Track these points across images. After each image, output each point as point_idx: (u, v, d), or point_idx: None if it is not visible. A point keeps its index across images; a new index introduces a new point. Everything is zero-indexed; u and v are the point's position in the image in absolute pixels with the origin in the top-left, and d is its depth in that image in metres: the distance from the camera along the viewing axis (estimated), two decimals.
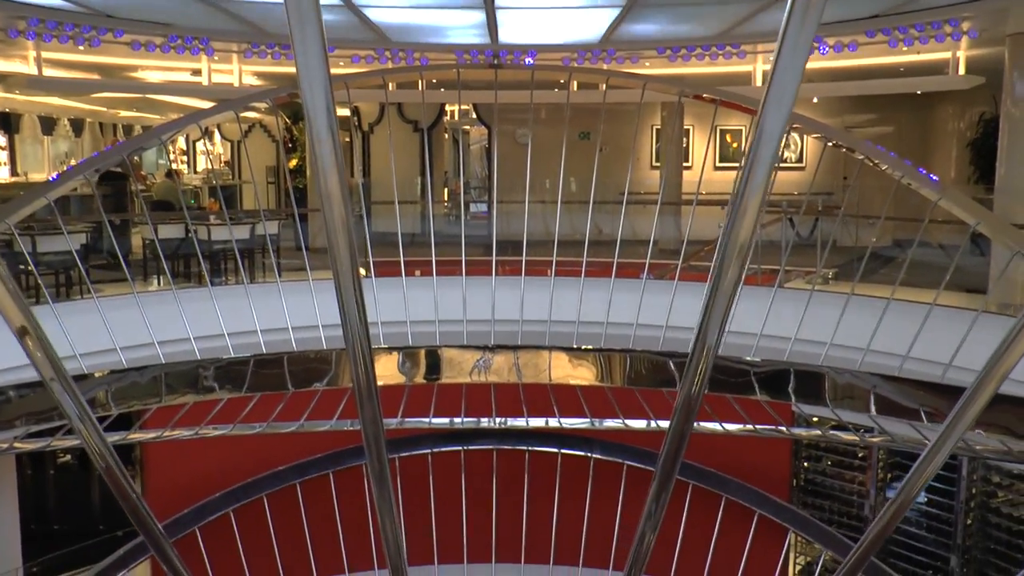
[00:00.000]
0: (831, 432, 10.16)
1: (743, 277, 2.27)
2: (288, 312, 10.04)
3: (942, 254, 12.55)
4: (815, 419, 10.76)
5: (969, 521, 10.23)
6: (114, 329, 9.36)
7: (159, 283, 13.21)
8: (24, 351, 1.93)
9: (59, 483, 15.24)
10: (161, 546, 2.06)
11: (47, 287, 10.30)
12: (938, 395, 8.54)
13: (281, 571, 11.53)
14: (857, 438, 9.46)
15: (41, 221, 11.93)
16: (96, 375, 8.54)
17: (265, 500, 11.34)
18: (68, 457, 15.45)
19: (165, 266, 10.41)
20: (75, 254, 10.32)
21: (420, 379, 10.46)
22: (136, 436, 9.08)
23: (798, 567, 12.02)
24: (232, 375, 10.09)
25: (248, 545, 11.33)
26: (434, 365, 10.48)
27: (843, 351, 9.83)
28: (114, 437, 9.25)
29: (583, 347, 10.19)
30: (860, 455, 11.12)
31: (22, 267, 10.62)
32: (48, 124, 21.95)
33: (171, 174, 20.96)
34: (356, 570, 11.84)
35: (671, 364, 9.76)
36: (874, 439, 9.14)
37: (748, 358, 9.22)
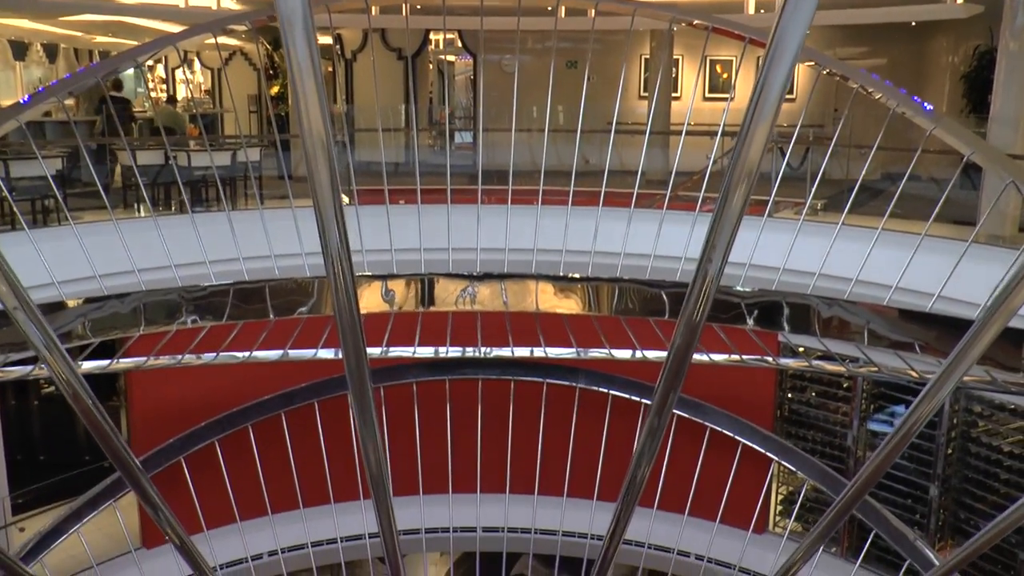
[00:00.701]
0: (817, 362, 10.18)
1: (747, 206, 2.17)
2: (270, 240, 9.87)
3: (933, 187, 12.47)
4: (801, 349, 10.77)
5: (950, 451, 10.33)
6: (93, 256, 9.18)
7: (139, 211, 12.96)
8: None
9: (43, 414, 15.19)
10: (135, 477, 1.96)
11: (23, 214, 10.07)
12: (927, 326, 8.53)
13: (267, 501, 11.56)
14: (845, 369, 9.47)
15: (14, 145, 11.62)
16: (72, 303, 8.38)
17: (251, 429, 11.31)
18: (52, 388, 15.38)
19: (144, 193, 10.18)
20: (50, 180, 10.06)
21: (404, 308, 10.36)
22: (117, 365, 8.95)
23: (780, 496, 12.18)
24: (214, 303, 9.96)
25: (234, 475, 11.33)
26: (419, 294, 10.37)
27: (831, 282, 9.79)
28: (93, 365, 9.14)
29: (570, 275, 10.08)
30: (845, 386, 11.17)
31: None
32: (20, 49, 21.32)
33: (172, 100, 20.50)
34: (343, 500, 11.90)
35: (663, 294, 9.69)
36: (862, 370, 9.14)
37: (738, 288, 9.16)
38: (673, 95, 21.78)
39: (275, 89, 23.81)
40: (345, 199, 9.95)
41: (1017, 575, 10.05)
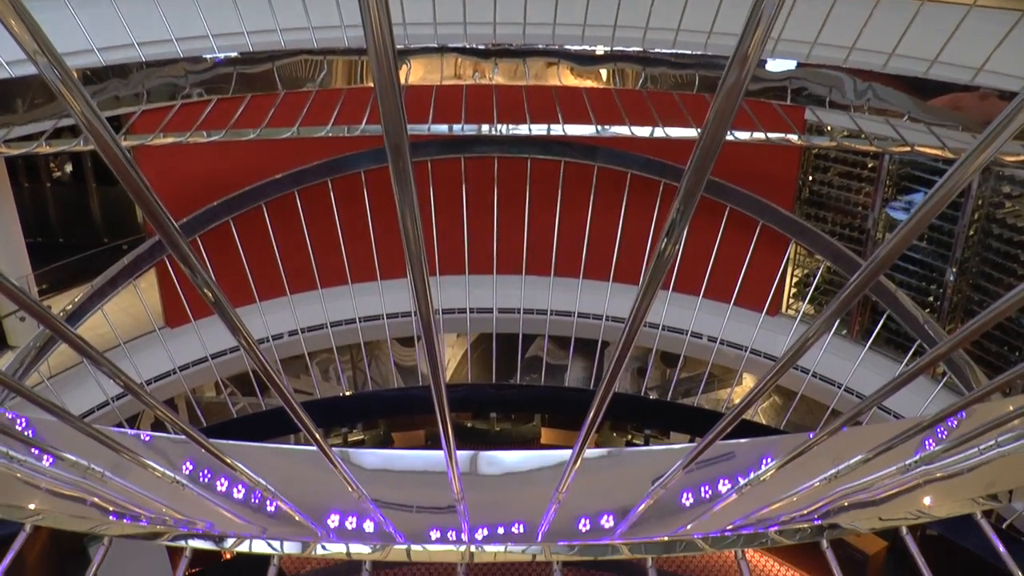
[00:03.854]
0: (846, 140, 9.84)
1: None
2: (275, 13, 9.34)
3: None
4: (828, 128, 10.40)
5: (972, 232, 10.17)
6: (88, 30, 8.72)
7: None
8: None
9: (58, 197, 15.15)
10: (173, 238, 1.77)
11: None
12: (965, 100, 8.13)
13: (285, 281, 11.68)
14: (873, 147, 9.15)
15: None
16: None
17: (264, 208, 11.22)
18: (63, 172, 15.25)
19: None
20: None
21: (418, 81, 9.94)
22: (123, 143, 8.68)
23: (795, 279, 12.20)
24: (219, 75, 9.57)
25: (249, 255, 11.37)
26: (433, 66, 9.93)
27: (866, 56, 9.27)
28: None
29: (594, 48, 9.58)
30: (870, 166, 10.87)
31: None
32: None
33: None
34: (360, 280, 12.01)
35: (692, 72, 9.22)
36: (893, 148, 8.83)
37: (766, 60, 8.70)
38: None
39: None
40: None
41: None
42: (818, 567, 11.88)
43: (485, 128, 9.91)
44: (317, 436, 2.45)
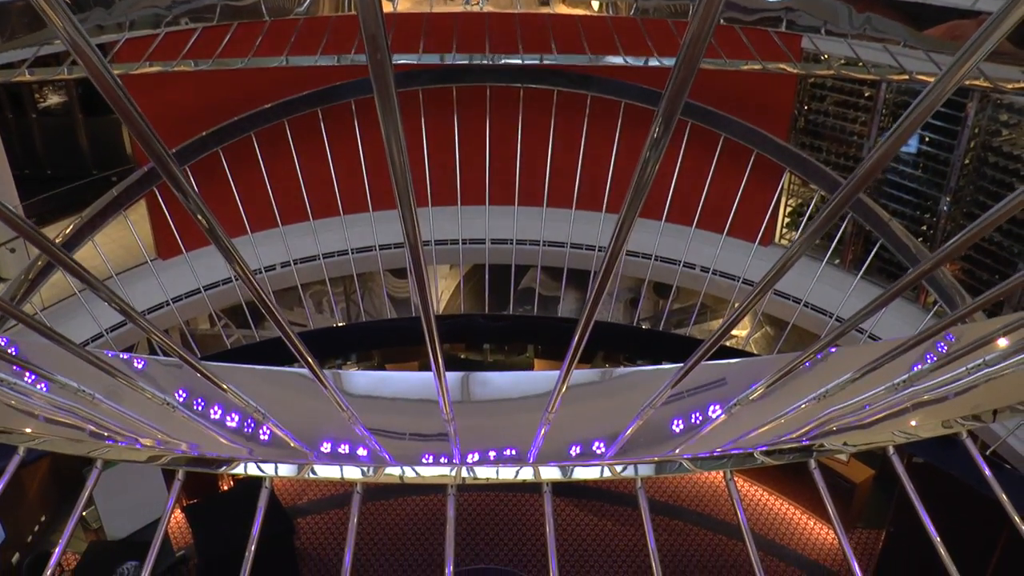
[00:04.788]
0: (843, 69, 9.72)
1: None
2: None
3: None
4: (825, 56, 10.25)
5: (967, 161, 10.12)
6: None
7: None
8: None
9: (44, 128, 14.92)
10: (164, 161, 1.73)
11: None
12: (964, 28, 8.00)
13: (276, 213, 11.61)
14: (870, 75, 9.03)
15: None
16: None
17: (254, 138, 11.08)
18: (50, 101, 15.00)
19: None
20: None
21: (408, 8, 9.75)
22: None
23: (789, 209, 12.17)
24: (204, 4, 9.36)
25: (240, 187, 11.28)
26: None
27: None
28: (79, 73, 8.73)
29: None
30: (867, 95, 10.74)
31: None
32: None
33: None
34: (352, 212, 11.94)
35: (691, 1, 9.02)
36: (892, 76, 8.72)
37: None
38: None
39: None
40: None
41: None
42: (806, 497, 12.15)
43: (477, 58, 9.75)
44: (308, 357, 2.45)
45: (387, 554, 11.32)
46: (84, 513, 11.10)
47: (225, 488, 11.99)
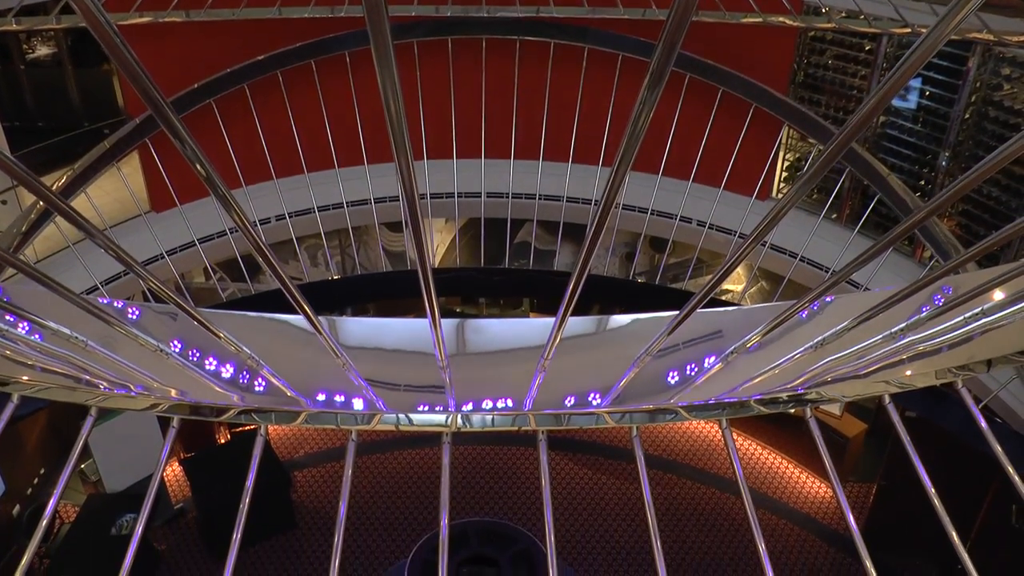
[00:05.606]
0: (845, 21, 9.59)
1: None
2: None
3: None
4: (826, 8, 10.11)
5: (967, 115, 10.05)
6: None
7: None
8: None
9: (34, 80, 14.71)
10: (165, 114, 1.68)
11: None
12: None
13: (271, 165, 11.52)
14: (871, 28, 8.91)
15: None
16: None
17: (247, 90, 10.96)
18: (39, 52, 14.77)
19: None
20: None
21: None
22: None
23: (786, 163, 12.10)
24: None
25: (234, 139, 11.17)
26: None
27: None
28: (72, 19, 8.60)
29: None
30: (867, 48, 10.62)
31: None
32: None
33: None
34: (347, 165, 11.85)
35: None
36: (895, 30, 8.61)
37: None
38: None
39: None
40: None
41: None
42: (798, 450, 12.26)
43: (473, 10, 9.61)
44: (303, 303, 2.43)
45: (382, 506, 11.43)
46: (83, 466, 11.17)
47: (222, 441, 12.07)
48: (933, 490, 3.62)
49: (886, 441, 10.92)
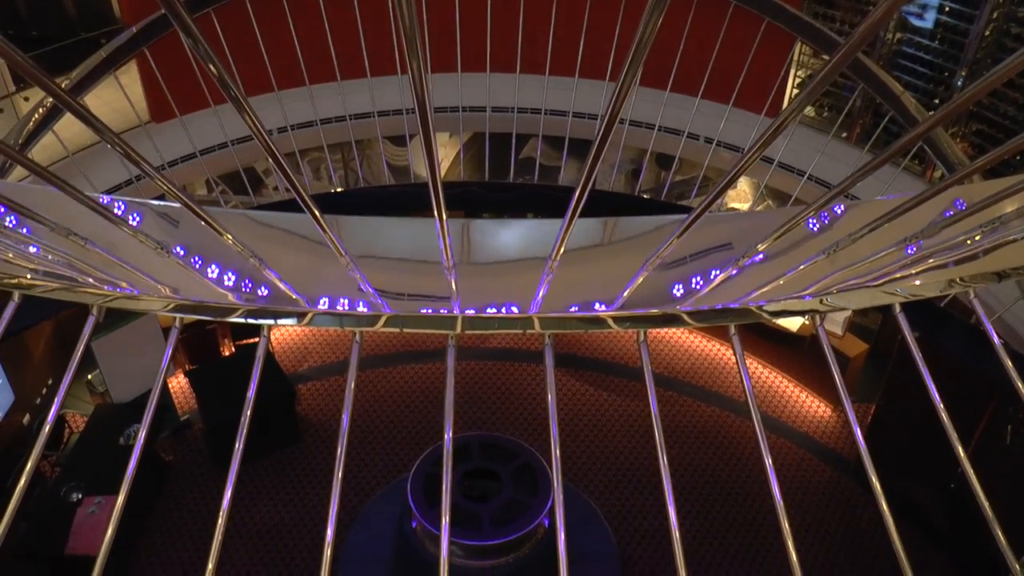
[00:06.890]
0: None
1: None
2: None
3: None
4: None
5: (987, 32, 9.79)
6: None
7: None
8: None
9: None
10: (178, 11, 1.60)
11: None
12: None
13: (272, 76, 11.30)
14: None
15: None
16: None
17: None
18: None
19: None
20: None
21: None
22: None
23: (798, 80, 11.86)
24: None
25: (235, 50, 10.93)
26: None
27: None
28: None
29: None
30: None
31: None
32: None
33: None
34: (349, 77, 11.64)
35: None
36: None
37: None
38: None
39: None
40: None
41: None
42: (802, 372, 12.31)
43: None
44: (310, 203, 2.38)
45: (386, 420, 11.57)
46: (90, 376, 11.27)
47: (227, 354, 12.15)
48: (940, 403, 3.63)
49: (886, 363, 10.96)
